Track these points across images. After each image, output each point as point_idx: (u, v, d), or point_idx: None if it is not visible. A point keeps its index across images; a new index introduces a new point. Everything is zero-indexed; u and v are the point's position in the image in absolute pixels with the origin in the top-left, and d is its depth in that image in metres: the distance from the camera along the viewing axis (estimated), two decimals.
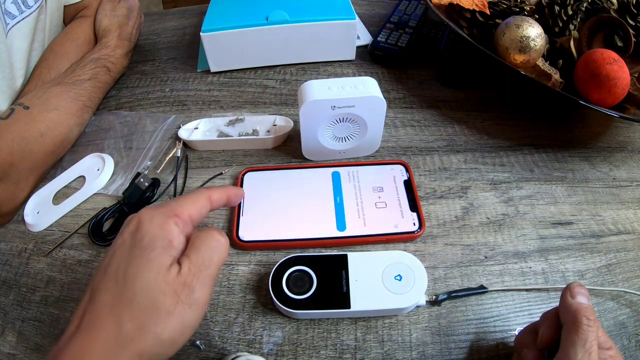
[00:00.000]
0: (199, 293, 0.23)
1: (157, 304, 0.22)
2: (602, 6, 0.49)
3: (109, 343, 0.21)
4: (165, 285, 0.22)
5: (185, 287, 0.23)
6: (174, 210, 0.25)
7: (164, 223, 0.24)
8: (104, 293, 0.23)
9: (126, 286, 0.22)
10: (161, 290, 0.22)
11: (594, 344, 0.24)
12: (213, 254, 0.25)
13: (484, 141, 0.49)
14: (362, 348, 0.33)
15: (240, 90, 0.56)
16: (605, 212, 0.43)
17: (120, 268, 0.23)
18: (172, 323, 0.22)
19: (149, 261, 0.23)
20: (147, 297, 0.22)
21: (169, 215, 0.25)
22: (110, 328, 0.21)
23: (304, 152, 0.45)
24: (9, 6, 0.46)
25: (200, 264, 0.24)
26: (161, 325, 0.22)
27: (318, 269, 0.35)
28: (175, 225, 0.25)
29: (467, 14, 0.51)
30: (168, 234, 0.24)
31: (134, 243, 0.24)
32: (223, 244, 0.26)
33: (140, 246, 0.23)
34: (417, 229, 0.39)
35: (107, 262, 0.24)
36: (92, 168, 0.45)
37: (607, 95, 0.43)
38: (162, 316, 0.22)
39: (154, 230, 0.24)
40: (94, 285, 0.23)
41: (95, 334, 0.21)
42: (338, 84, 0.39)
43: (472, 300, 0.36)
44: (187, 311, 0.23)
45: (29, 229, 0.41)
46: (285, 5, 0.55)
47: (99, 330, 0.22)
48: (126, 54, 0.56)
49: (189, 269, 0.23)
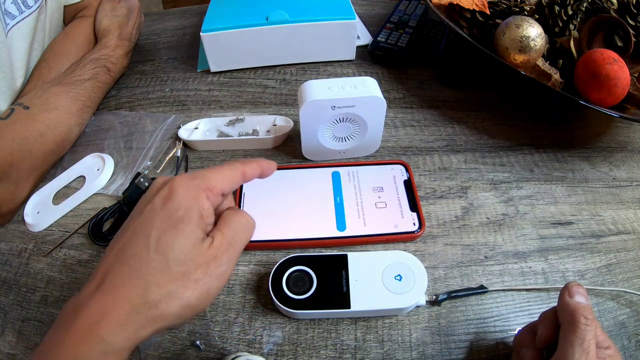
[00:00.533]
0: (225, 267, 0.24)
1: (187, 274, 0.23)
2: (602, 6, 0.49)
3: (132, 306, 0.22)
4: (197, 258, 0.23)
5: (215, 260, 0.24)
6: (207, 183, 0.25)
7: (197, 196, 0.25)
8: (132, 258, 0.23)
9: (158, 255, 0.23)
10: (193, 262, 0.23)
11: (592, 343, 0.24)
12: (243, 233, 0.26)
13: (484, 141, 0.49)
14: (362, 348, 0.33)
15: (240, 90, 0.56)
16: (605, 212, 0.43)
17: (152, 236, 0.23)
18: (198, 290, 0.23)
19: (184, 234, 0.23)
20: (179, 268, 0.23)
21: (202, 188, 0.25)
22: (136, 292, 0.22)
23: (304, 152, 0.45)
24: (9, 6, 0.46)
25: (231, 240, 0.25)
26: (188, 293, 0.23)
27: (318, 269, 0.35)
28: (207, 199, 0.25)
29: (467, 14, 0.51)
30: (201, 208, 0.24)
31: (168, 213, 0.24)
32: (252, 226, 0.27)
33: (175, 218, 0.24)
34: (417, 229, 0.39)
35: (137, 226, 0.24)
36: (92, 168, 0.45)
37: (607, 95, 0.43)
38: (190, 285, 0.23)
39: (188, 202, 0.24)
40: (121, 247, 0.24)
41: (118, 296, 0.22)
42: (338, 84, 0.39)
43: (472, 300, 0.36)
44: (214, 282, 0.24)
45: (29, 229, 0.41)
46: (285, 5, 0.55)
47: (123, 293, 0.22)
48: (126, 54, 0.56)
49: (220, 243, 0.24)
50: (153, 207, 0.24)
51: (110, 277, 0.23)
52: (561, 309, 0.27)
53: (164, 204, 0.24)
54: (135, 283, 0.22)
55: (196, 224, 0.24)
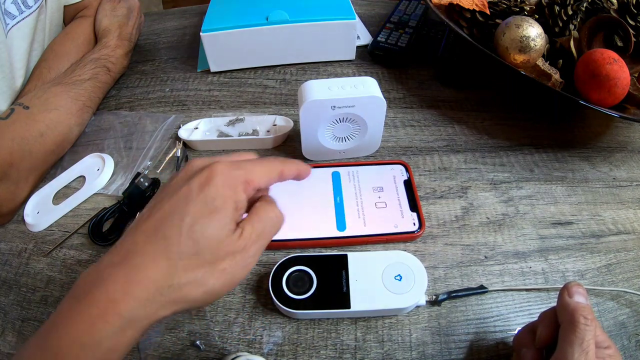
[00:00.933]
0: (251, 259, 0.25)
1: (216, 262, 0.23)
2: (602, 6, 0.49)
3: (156, 287, 0.22)
4: (227, 247, 0.24)
5: (243, 251, 0.24)
6: (246, 177, 0.25)
7: (235, 187, 0.24)
8: (163, 239, 0.23)
9: (189, 241, 0.23)
10: (223, 251, 0.23)
11: (591, 343, 0.25)
12: (272, 227, 0.26)
13: (484, 141, 0.49)
14: (362, 348, 0.33)
15: (240, 90, 0.56)
16: (605, 212, 0.43)
17: (186, 221, 0.23)
18: (223, 279, 0.24)
19: (218, 223, 0.23)
20: (209, 255, 0.23)
21: (241, 180, 0.25)
22: (162, 274, 0.22)
23: (304, 152, 0.45)
24: (9, 6, 0.46)
25: (260, 233, 0.25)
26: (213, 281, 0.23)
27: (318, 269, 0.35)
28: (244, 192, 0.25)
29: (467, 14, 0.51)
30: (237, 199, 0.24)
31: (205, 200, 0.24)
32: (281, 221, 0.27)
33: (211, 206, 0.24)
34: (417, 229, 0.39)
35: (171, 207, 0.24)
36: (92, 168, 0.45)
37: (607, 95, 0.43)
38: (216, 273, 0.23)
39: (226, 193, 0.24)
40: (152, 226, 0.23)
41: (144, 276, 0.22)
42: (338, 84, 0.39)
43: (472, 300, 0.36)
44: (239, 272, 0.24)
45: (29, 229, 0.41)
46: (285, 5, 0.55)
47: (149, 273, 0.22)
48: (126, 54, 0.56)
49: (250, 235, 0.25)
50: (190, 191, 0.24)
51: (137, 254, 0.23)
52: (560, 309, 0.27)
53: (201, 189, 0.24)
54: (163, 265, 0.22)
55: (230, 215, 0.24)
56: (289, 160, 0.28)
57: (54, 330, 0.21)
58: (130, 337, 0.21)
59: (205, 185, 0.24)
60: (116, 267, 0.22)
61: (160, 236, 0.23)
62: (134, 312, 0.21)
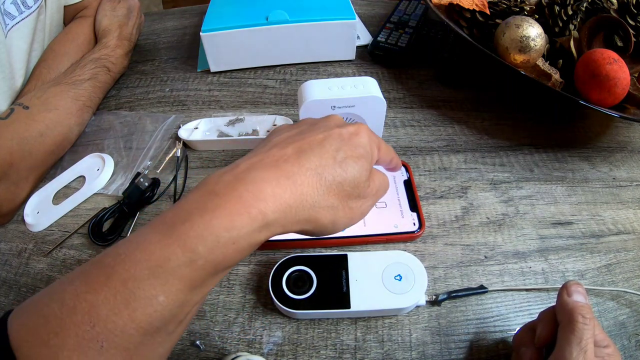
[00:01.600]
0: (368, 208, 0.28)
1: (351, 197, 0.26)
2: (602, 6, 0.49)
3: (301, 201, 0.23)
4: (360, 190, 0.26)
5: (367, 198, 0.28)
6: (379, 144, 0.29)
7: (374, 145, 0.28)
8: (317, 158, 0.25)
9: (340, 169, 0.25)
10: (358, 190, 0.26)
11: (590, 342, 0.25)
12: (384, 189, 0.30)
13: (484, 141, 0.49)
14: (362, 348, 0.33)
15: (240, 90, 0.56)
16: (605, 212, 0.43)
17: (340, 153, 0.25)
18: (349, 215, 0.26)
19: (362, 166, 0.26)
20: (348, 188, 0.25)
21: (377, 143, 0.29)
22: (310, 187, 0.24)
23: None
24: (9, 7, 0.46)
25: (378, 189, 0.29)
26: (341, 213, 0.26)
27: (318, 269, 0.35)
28: (376, 154, 0.29)
29: (467, 14, 0.51)
30: (373, 156, 0.28)
31: (354, 145, 0.26)
32: (388, 185, 0.31)
33: (359, 151, 0.26)
34: (417, 229, 0.39)
35: (323, 140, 0.26)
36: (92, 168, 0.45)
37: (607, 95, 0.43)
38: (345, 206, 0.26)
39: (369, 146, 0.27)
40: (304, 147, 0.25)
41: (293, 185, 0.23)
42: (338, 84, 0.39)
43: (472, 300, 0.36)
44: (359, 214, 0.27)
45: (29, 229, 0.41)
46: (285, 5, 0.55)
47: (297, 184, 0.23)
48: (126, 54, 0.56)
49: (372, 188, 0.28)
50: (341, 135, 0.27)
51: (288, 163, 0.24)
52: (559, 308, 0.27)
53: (351, 137, 0.27)
54: (313, 180, 0.24)
55: (369, 165, 0.27)
56: (394, 152, 0.33)
57: (185, 220, 0.20)
58: (260, 241, 0.22)
59: (354, 135, 0.27)
60: (265, 168, 0.23)
61: (314, 155, 0.25)
62: (276, 216, 0.22)
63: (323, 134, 0.26)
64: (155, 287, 0.19)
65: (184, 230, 0.20)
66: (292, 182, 0.23)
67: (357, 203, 0.27)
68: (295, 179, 0.23)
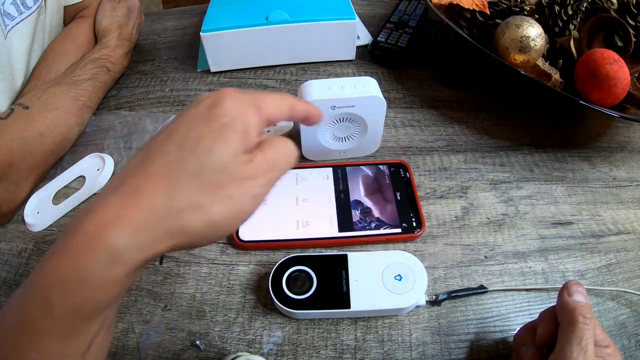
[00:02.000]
0: (260, 189, 0.22)
1: (220, 185, 0.21)
2: (602, 6, 0.49)
3: (152, 210, 0.19)
4: (234, 170, 0.21)
5: (252, 179, 0.22)
6: (256, 101, 0.23)
7: (245, 108, 0.22)
8: (161, 156, 0.20)
9: (192, 156, 0.20)
10: (229, 173, 0.21)
11: (590, 342, 0.25)
12: (286, 160, 0.24)
13: (484, 141, 0.49)
14: (362, 348, 0.33)
15: None
16: (605, 212, 0.43)
17: (191, 135, 0.21)
18: (228, 208, 0.21)
19: (227, 140, 0.21)
20: (213, 176, 0.20)
21: (251, 103, 0.23)
22: (160, 195, 0.19)
23: (304, 152, 0.45)
24: (8, 7, 0.46)
25: (273, 163, 0.23)
26: (216, 208, 0.20)
27: (318, 269, 0.35)
28: (254, 116, 0.23)
29: (467, 14, 0.51)
30: (247, 121, 0.22)
31: (212, 117, 0.21)
32: (295, 155, 0.25)
33: (220, 122, 0.21)
34: (417, 229, 0.39)
35: (174, 127, 0.22)
36: (92, 168, 0.45)
37: (607, 95, 0.43)
38: (220, 199, 0.21)
39: (234, 112, 0.22)
40: (151, 147, 0.21)
41: (139, 198, 0.19)
42: (338, 84, 0.39)
43: (472, 300, 0.36)
44: (246, 203, 0.22)
45: (29, 229, 0.41)
46: (285, 5, 0.55)
47: (145, 195, 0.19)
48: (126, 54, 0.56)
49: (261, 163, 0.22)
50: (196, 112, 0.22)
51: (132, 178, 0.20)
52: (560, 308, 0.27)
53: (209, 110, 0.22)
54: (161, 185, 0.20)
55: (240, 137, 0.21)
56: (303, 100, 0.27)
57: (39, 269, 0.19)
58: (119, 275, 0.18)
59: (214, 106, 0.22)
60: (107, 196, 0.19)
61: (160, 152, 0.21)
62: (126, 241, 0.18)
63: (174, 124, 0.22)
64: (23, 344, 0.18)
65: (38, 279, 0.19)
66: (138, 196, 0.19)
67: (238, 188, 0.21)
68: (141, 192, 0.19)
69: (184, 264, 0.38)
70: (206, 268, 0.38)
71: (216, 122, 0.21)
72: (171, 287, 0.37)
